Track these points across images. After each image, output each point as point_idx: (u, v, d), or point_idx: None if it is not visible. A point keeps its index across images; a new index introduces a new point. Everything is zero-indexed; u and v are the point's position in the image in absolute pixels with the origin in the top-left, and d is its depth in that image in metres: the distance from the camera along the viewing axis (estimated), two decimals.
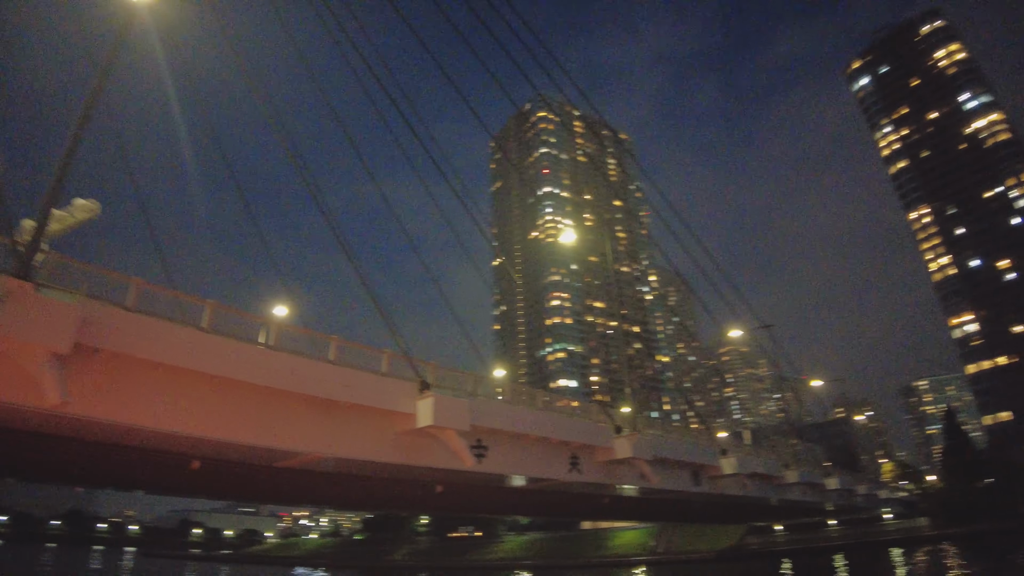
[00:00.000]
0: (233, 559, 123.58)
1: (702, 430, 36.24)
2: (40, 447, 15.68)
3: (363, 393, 17.06)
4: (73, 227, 18.29)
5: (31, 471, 22.74)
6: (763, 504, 46.69)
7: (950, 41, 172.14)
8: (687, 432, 36.19)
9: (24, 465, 20.42)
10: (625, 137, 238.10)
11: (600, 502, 31.34)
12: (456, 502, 26.50)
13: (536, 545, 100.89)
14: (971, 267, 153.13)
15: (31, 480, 31.77)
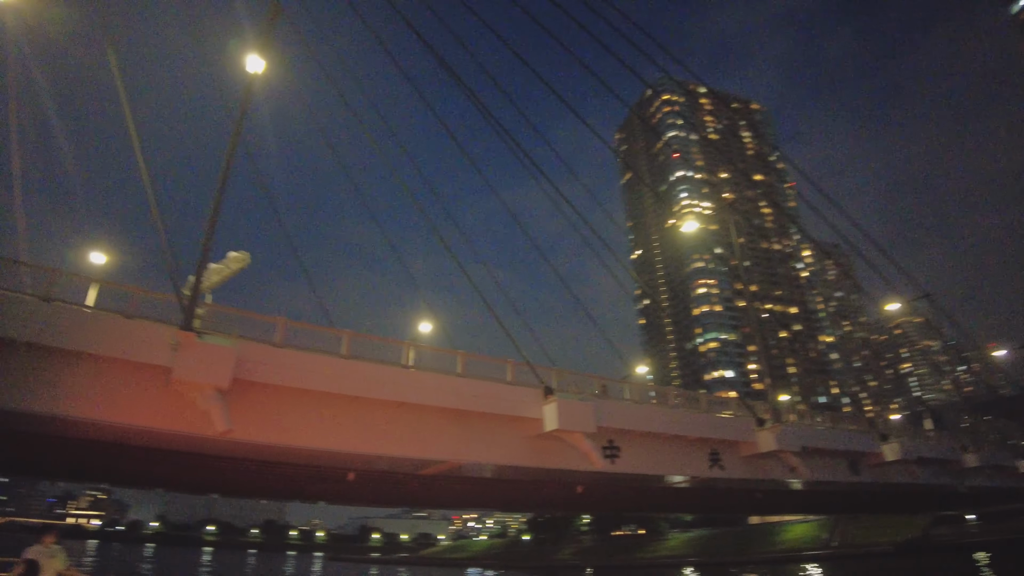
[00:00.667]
0: (408, 561, 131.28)
1: (860, 417, 33.64)
2: (213, 467, 18.09)
3: (490, 402, 17.94)
4: (229, 277, 20.76)
5: (212, 487, 25.98)
6: (949, 491, 42.54)
7: None
8: (841, 419, 33.80)
9: (205, 482, 23.50)
10: (757, 107, 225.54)
11: (753, 496, 30.17)
12: (599, 501, 26.82)
13: (701, 542, 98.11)
14: None
15: (217, 493, 36.28)
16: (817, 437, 27.05)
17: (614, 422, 20.35)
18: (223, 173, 16.23)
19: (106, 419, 14.60)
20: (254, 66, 18.61)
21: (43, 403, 14.21)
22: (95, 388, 14.58)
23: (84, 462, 20.14)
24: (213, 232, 15.47)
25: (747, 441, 24.00)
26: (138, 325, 14.83)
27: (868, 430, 31.73)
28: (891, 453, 30.26)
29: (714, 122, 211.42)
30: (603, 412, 19.84)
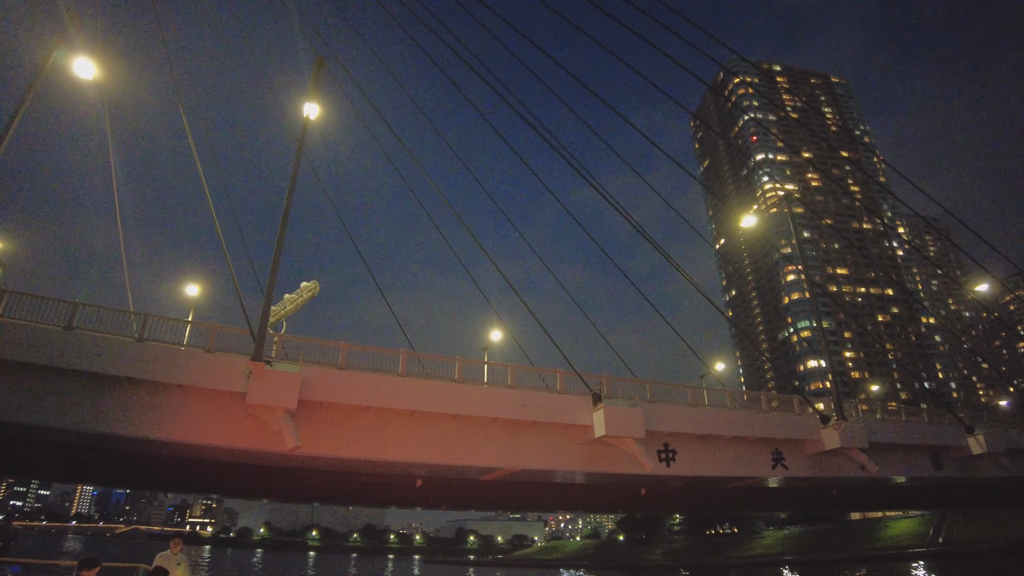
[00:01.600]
0: (502, 563, 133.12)
1: (943, 409, 32.09)
2: (288, 479, 19.85)
3: (540, 411, 18.79)
4: (302, 305, 22.57)
5: (285, 494, 28.10)
6: None
7: None
8: (919, 413, 32.38)
9: (278, 491, 25.58)
10: (838, 80, 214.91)
11: (829, 495, 29.51)
12: (666, 502, 27.09)
13: (797, 539, 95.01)
14: None
15: (286, 501, 38.85)
16: (888, 432, 26.22)
17: (668, 426, 20.72)
18: (283, 217, 17.87)
19: (191, 440, 16.50)
20: (309, 112, 20.34)
21: (138, 427, 16.22)
22: (182, 413, 16.50)
23: (176, 477, 22.50)
24: (276, 272, 17.10)
25: (812, 439, 23.67)
26: (216, 358, 16.63)
27: (952, 422, 30.33)
28: (976, 446, 28.87)
29: (792, 100, 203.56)
30: (655, 416, 20.27)
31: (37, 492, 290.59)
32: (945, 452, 29.81)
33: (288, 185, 18.43)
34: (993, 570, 56.49)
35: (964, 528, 78.76)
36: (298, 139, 19.40)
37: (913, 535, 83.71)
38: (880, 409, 29.31)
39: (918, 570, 60.66)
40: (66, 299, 16.45)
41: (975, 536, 75.65)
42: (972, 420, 31.63)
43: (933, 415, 31.73)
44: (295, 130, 21.26)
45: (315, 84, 20.03)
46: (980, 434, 29.07)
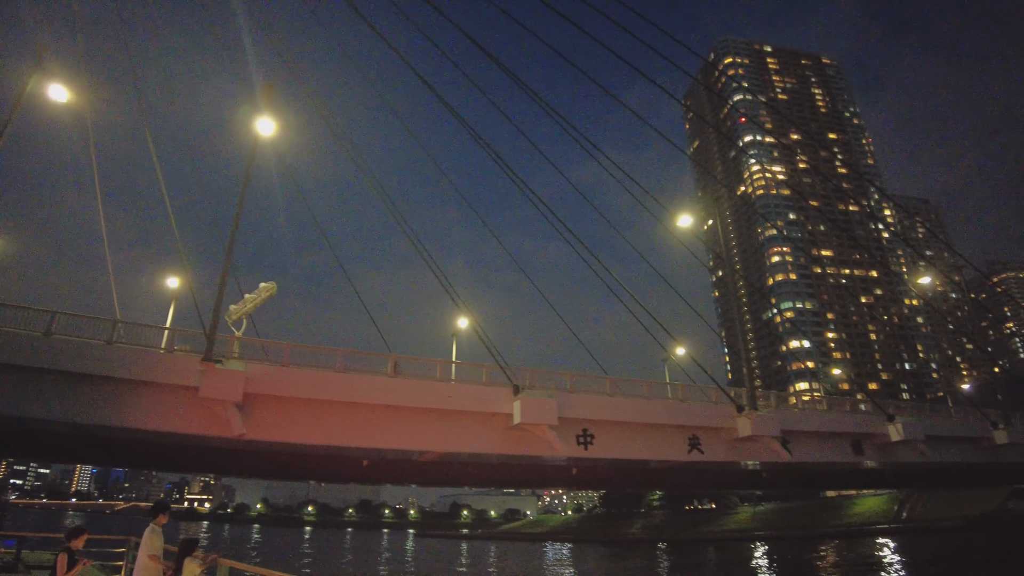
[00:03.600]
0: (489, 536, 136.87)
1: (868, 398, 34.50)
2: (235, 459, 22.42)
3: (465, 401, 21.24)
4: (261, 303, 24.81)
5: (239, 471, 30.88)
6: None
7: None
8: (841, 403, 34.89)
9: (232, 469, 28.30)
10: (829, 61, 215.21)
11: (745, 476, 32.15)
12: (591, 480, 29.90)
13: (770, 515, 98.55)
14: None
15: (245, 477, 41.55)
16: (805, 421, 28.66)
17: (587, 413, 23.16)
18: (232, 230, 20.10)
19: (157, 428, 18.93)
20: (261, 133, 22.48)
21: (112, 418, 18.62)
22: (148, 405, 18.91)
23: (151, 458, 25.07)
24: (226, 281, 19.39)
25: (728, 427, 26.08)
26: (174, 357, 19.04)
27: (874, 411, 32.76)
28: (896, 433, 31.22)
29: (782, 82, 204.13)
30: (574, 405, 22.74)
31: (37, 471, 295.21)
32: (868, 439, 32.19)
33: (237, 201, 20.61)
34: (948, 544, 59.47)
35: (926, 506, 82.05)
36: (247, 159, 21.56)
37: (879, 512, 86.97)
38: (800, 400, 31.61)
39: (884, 546, 63.57)
40: (45, 308, 18.79)
41: (935, 514, 78.99)
42: (897, 409, 34.20)
43: (856, 404, 34.14)
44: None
45: (265, 108, 22.11)
46: (899, 422, 31.45)
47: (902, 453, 32.76)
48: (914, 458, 32.88)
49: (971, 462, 38.17)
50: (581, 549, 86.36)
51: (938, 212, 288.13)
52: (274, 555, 68.20)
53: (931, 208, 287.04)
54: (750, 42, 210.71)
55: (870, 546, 62.88)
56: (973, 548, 53.59)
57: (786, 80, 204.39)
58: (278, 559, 61.64)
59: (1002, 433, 37.03)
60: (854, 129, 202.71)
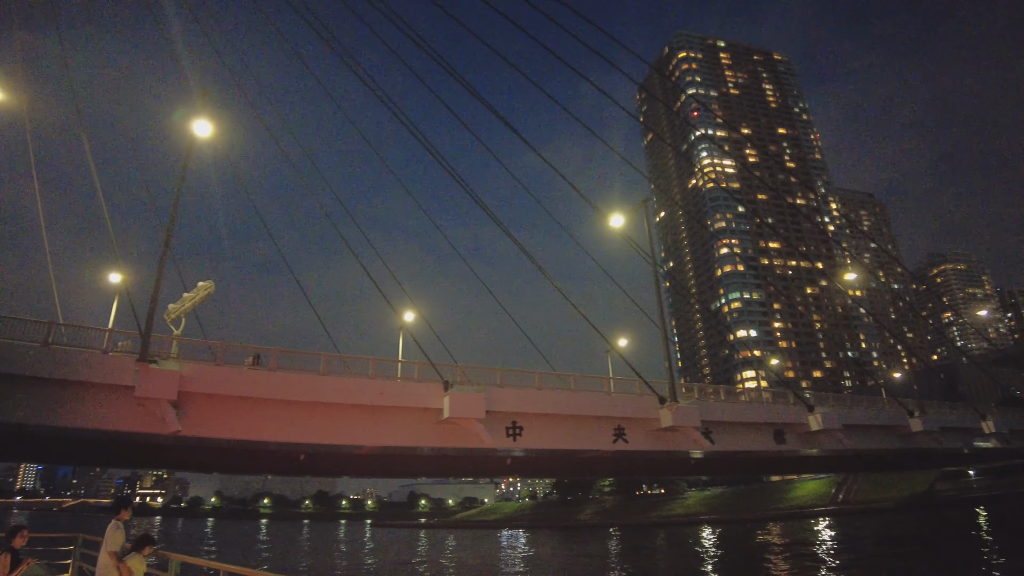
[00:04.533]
0: (443, 525, 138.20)
1: (789, 390, 36.62)
2: (173, 454, 23.11)
3: (397, 398, 22.32)
4: (200, 302, 25.39)
5: (178, 465, 31.51)
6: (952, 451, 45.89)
7: None
8: (761, 394, 37.11)
9: (170, 463, 28.88)
10: (780, 57, 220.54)
11: (688, 462, 34.02)
12: (525, 468, 31.46)
13: (716, 500, 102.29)
14: None
15: (185, 470, 42.03)
16: (725, 412, 30.51)
17: (515, 407, 24.46)
18: (167, 234, 20.69)
19: (96, 426, 19.48)
20: (200, 131, 23.04)
21: (50, 417, 19.09)
22: (86, 404, 19.42)
23: (91, 454, 25.49)
24: (160, 284, 19.99)
25: (652, 418, 27.65)
26: (112, 358, 19.59)
27: (795, 402, 34.86)
28: (815, 423, 33.29)
29: (734, 77, 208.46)
30: (503, 399, 24.01)
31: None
32: (790, 428, 34.18)
33: (171, 207, 21.19)
34: (880, 524, 62.94)
35: (861, 489, 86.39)
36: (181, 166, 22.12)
37: (818, 495, 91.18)
38: (724, 392, 33.45)
39: (822, 527, 66.76)
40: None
41: (869, 496, 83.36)
42: (817, 400, 36.43)
43: (779, 396, 36.23)
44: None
45: (201, 112, 22.66)
46: (819, 413, 33.54)
47: (822, 441, 34.86)
48: (833, 446, 35.05)
49: (889, 448, 40.80)
50: (535, 535, 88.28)
51: (883, 206, 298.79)
52: (229, 548, 68.16)
53: (876, 202, 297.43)
54: (704, 37, 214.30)
55: (810, 527, 66.14)
56: (903, 527, 57.01)
57: (738, 75, 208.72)
58: (233, 552, 61.63)
59: (917, 421, 39.65)
60: (803, 124, 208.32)
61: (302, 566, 47.74)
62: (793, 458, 37.05)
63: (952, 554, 38.79)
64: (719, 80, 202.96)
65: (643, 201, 32.68)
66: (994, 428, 46.33)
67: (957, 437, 45.65)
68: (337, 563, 51.93)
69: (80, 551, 14.78)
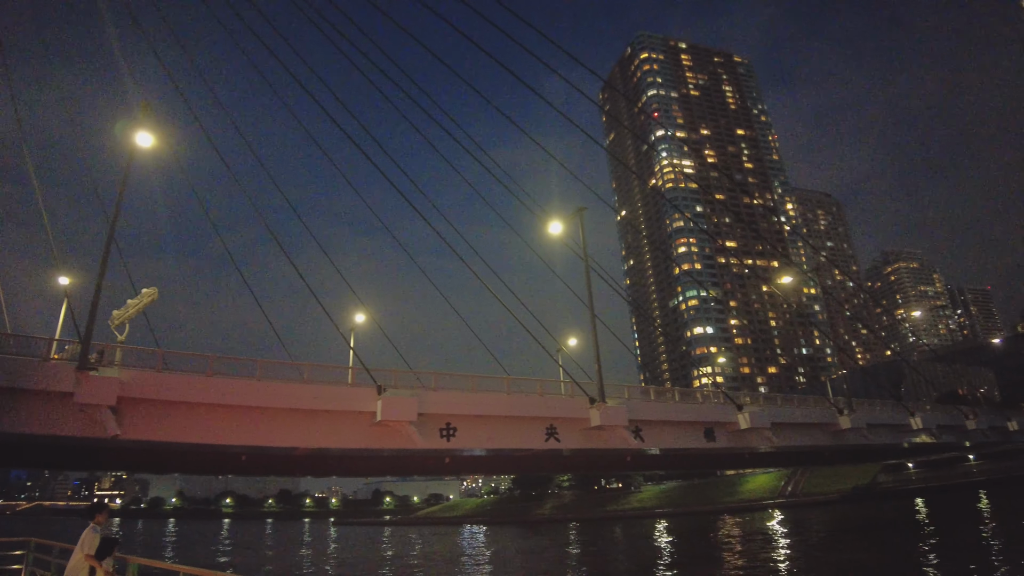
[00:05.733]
0: (403, 522, 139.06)
1: (717, 391, 38.64)
2: (114, 457, 24.01)
3: (332, 401, 23.51)
4: (142, 308, 26.16)
5: (121, 467, 32.41)
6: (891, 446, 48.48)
7: None
8: (692, 393, 39.08)
9: (113, 465, 29.71)
10: (741, 60, 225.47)
11: (624, 459, 35.78)
12: (463, 466, 33.08)
13: (670, 493, 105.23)
14: None
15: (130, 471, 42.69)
16: (653, 411, 32.18)
17: (449, 408, 25.80)
18: (107, 242, 21.55)
19: (41, 432, 20.30)
20: (138, 145, 23.89)
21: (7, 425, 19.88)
22: (29, 410, 20.22)
23: (34, 457, 26.20)
24: (100, 292, 20.87)
25: (583, 417, 29.19)
26: (53, 365, 20.42)
27: (725, 402, 36.81)
28: (744, 422, 35.20)
29: (695, 78, 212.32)
30: (437, 401, 25.35)
31: None
32: (720, 427, 35.92)
33: (111, 220, 22.05)
34: (825, 515, 65.94)
35: (808, 483, 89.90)
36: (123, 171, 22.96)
37: (768, 488, 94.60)
38: (654, 392, 35.19)
39: (774, 517, 69.58)
40: None
41: (815, 489, 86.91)
42: (747, 400, 38.47)
43: (708, 395, 38.20)
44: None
45: (143, 125, 23.51)
46: (747, 412, 35.45)
47: (751, 439, 36.78)
48: (762, 443, 37.06)
49: (820, 445, 42.91)
50: (496, 531, 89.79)
51: (839, 205, 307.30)
52: (190, 550, 67.67)
53: (833, 202, 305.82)
54: (666, 38, 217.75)
55: (762, 519, 68.94)
56: (848, 518, 59.95)
57: (699, 77, 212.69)
58: (194, 553, 61.39)
59: (845, 419, 41.86)
60: (761, 126, 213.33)
61: (267, 567, 47.92)
62: (726, 454, 38.95)
63: (890, 540, 41.68)
64: (680, 81, 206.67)
65: (578, 210, 34.20)
66: (922, 424, 48.97)
67: (886, 433, 47.96)
68: (301, 562, 52.44)
69: (33, 555, 14.81)
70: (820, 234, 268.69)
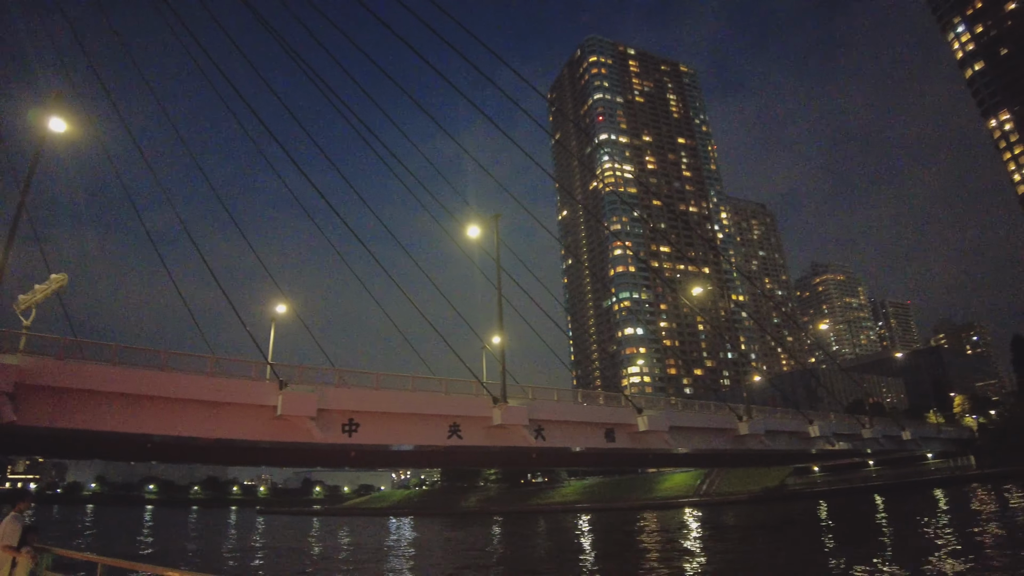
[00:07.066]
0: (333, 512, 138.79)
1: (619, 394, 40.79)
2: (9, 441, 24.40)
3: (234, 394, 24.35)
4: (51, 294, 26.32)
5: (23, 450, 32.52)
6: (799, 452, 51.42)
7: None
8: (595, 396, 41.28)
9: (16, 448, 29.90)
10: (686, 69, 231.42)
11: (528, 456, 37.57)
12: (368, 460, 34.40)
13: (593, 489, 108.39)
14: None
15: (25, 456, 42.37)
16: (556, 411, 34.01)
17: (352, 405, 26.91)
18: (11, 229, 21.87)
19: None
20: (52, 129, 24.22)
21: None
22: None
23: None
24: (3, 272, 21.19)
25: (486, 416, 30.74)
26: None
27: (626, 404, 38.94)
28: (643, 424, 37.32)
29: (641, 84, 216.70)
30: (339, 397, 26.46)
31: None
32: (621, 428, 37.85)
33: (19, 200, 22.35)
34: (737, 514, 69.43)
35: (722, 483, 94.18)
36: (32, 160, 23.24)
37: (685, 487, 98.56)
38: (557, 393, 36.94)
39: (686, 514, 72.77)
40: None
41: (728, 489, 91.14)
42: (646, 403, 40.68)
43: (610, 398, 40.29)
44: None
45: (54, 112, 23.83)
46: (647, 415, 37.61)
47: (650, 440, 38.90)
48: (660, 445, 39.30)
49: (720, 449, 45.59)
50: (422, 522, 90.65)
51: (773, 216, 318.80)
52: (108, 538, 65.51)
53: (767, 212, 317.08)
54: (615, 43, 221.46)
55: (678, 516, 72.00)
56: (757, 517, 63.36)
57: (645, 84, 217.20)
58: (113, 543, 59.60)
59: (745, 425, 44.74)
60: (702, 136, 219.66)
61: (189, 557, 47.36)
62: (626, 454, 41.19)
63: (792, 536, 45.38)
64: (626, 87, 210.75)
65: (494, 216, 35.72)
66: (819, 432, 52.54)
67: (785, 440, 51.12)
68: (222, 553, 51.85)
69: None
70: (753, 243, 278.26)
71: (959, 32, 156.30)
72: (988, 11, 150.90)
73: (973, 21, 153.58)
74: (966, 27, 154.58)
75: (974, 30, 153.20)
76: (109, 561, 8.01)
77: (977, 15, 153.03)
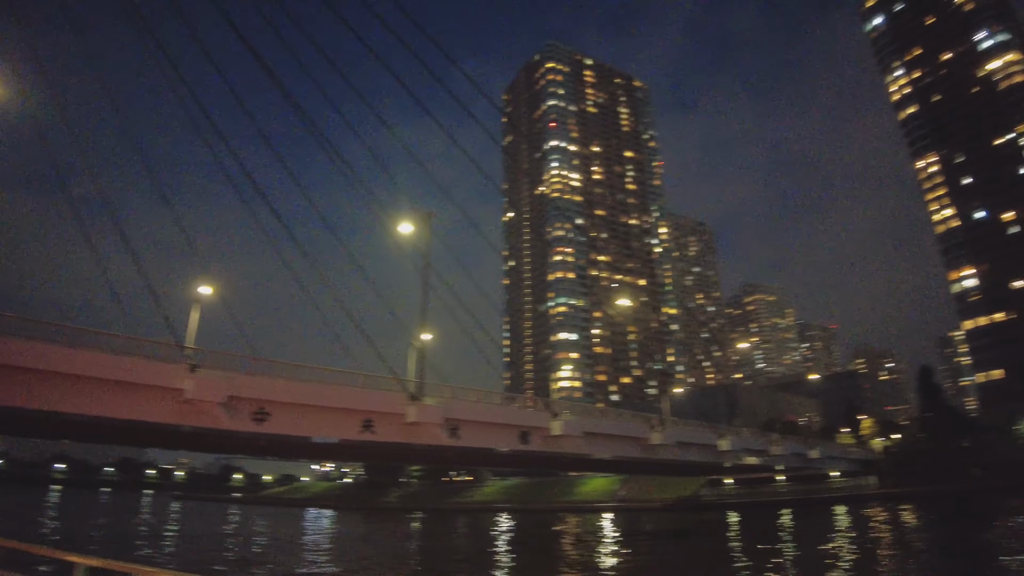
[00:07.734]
0: (252, 501, 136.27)
1: (536, 398, 42.20)
2: None
3: (144, 375, 24.32)
4: None
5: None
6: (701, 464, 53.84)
7: None
8: (511, 400, 42.57)
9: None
10: (640, 84, 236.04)
11: (444, 454, 38.40)
12: (276, 449, 34.66)
13: (514, 489, 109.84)
14: (975, 219, 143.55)
15: None
16: (472, 412, 34.92)
17: (263, 394, 27.14)
18: None
19: None
20: None
21: None
22: None
23: None
24: None
25: (401, 412, 31.28)
26: None
27: (542, 408, 40.21)
28: (557, 428, 38.54)
29: (595, 95, 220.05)
30: (249, 386, 26.67)
31: None
32: (535, 431, 38.83)
33: None
34: (651, 519, 71.79)
35: (639, 490, 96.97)
36: None
37: (603, 491, 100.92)
38: (474, 393, 37.83)
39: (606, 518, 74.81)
40: None
41: (645, 496, 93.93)
42: (564, 409, 42.01)
43: (527, 402, 41.54)
44: None
45: None
46: (561, 419, 38.85)
47: (564, 445, 40.05)
48: (573, 449, 40.59)
49: (632, 457, 47.10)
50: (342, 516, 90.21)
51: (711, 234, 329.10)
52: (4, 518, 62.42)
53: (706, 230, 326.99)
54: (572, 52, 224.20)
55: (595, 519, 73.91)
56: (670, 523, 65.69)
57: (599, 95, 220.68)
58: (7, 522, 56.84)
59: (657, 434, 46.46)
60: (649, 151, 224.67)
61: (91, 547, 45.51)
62: (539, 456, 42.46)
63: (701, 543, 47.89)
64: (580, 96, 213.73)
65: (426, 215, 36.46)
66: (729, 446, 55.06)
67: (696, 452, 53.25)
68: (131, 536, 50.33)
69: None
70: (690, 259, 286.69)
71: (897, 75, 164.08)
72: (925, 58, 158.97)
73: (911, 66, 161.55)
74: (904, 71, 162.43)
75: (911, 75, 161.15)
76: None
77: (915, 61, 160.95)
